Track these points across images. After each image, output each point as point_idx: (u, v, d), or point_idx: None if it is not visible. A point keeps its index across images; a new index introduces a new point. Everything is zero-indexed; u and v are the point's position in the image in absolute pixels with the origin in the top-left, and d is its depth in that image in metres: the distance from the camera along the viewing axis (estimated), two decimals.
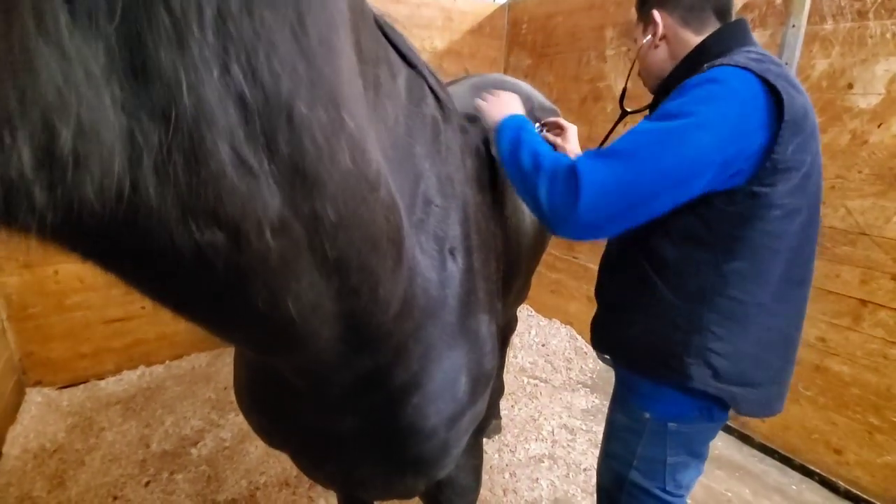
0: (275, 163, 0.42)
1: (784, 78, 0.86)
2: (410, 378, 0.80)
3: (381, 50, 0.73)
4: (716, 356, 0.95)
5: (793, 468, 2.27)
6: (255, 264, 0.46)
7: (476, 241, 0.92)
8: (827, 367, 2.14)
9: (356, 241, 0.55)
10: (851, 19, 1.97)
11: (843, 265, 2.05)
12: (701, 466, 1.13)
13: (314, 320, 0.57)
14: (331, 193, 0.48)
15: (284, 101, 0.40)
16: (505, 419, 2.53)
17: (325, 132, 0.45)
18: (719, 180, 0.86)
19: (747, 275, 0.91)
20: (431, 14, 3.34)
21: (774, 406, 1.04)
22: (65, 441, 2.22)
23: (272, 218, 0.44)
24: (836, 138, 2.03)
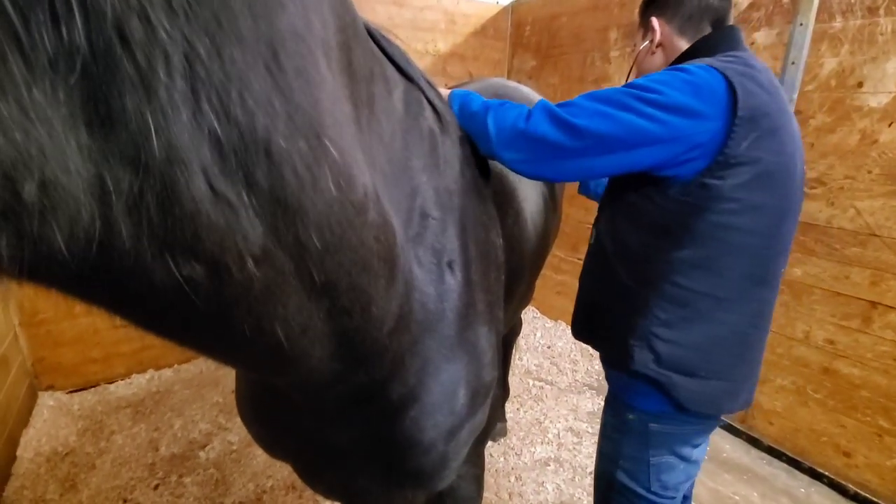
0: (254, 195, 0.41)
1: (750, 77, 0.87)
2: (408, 392, 0.80)
3: (377, 65, 0.72)
4: (659, 341, 0.98)
5: (801, 471, 2.24)
6: (239, 293, 0.45)
7: (475, 252, 0.92)
8: (836, 370, 2.12)
9: (345, 264, 0.54)
10: (861, 16, 1.94)
11: (852, 266, 2.02)
12: (691, 469, 1.13)
13: (304, 341, 0.57)
14: (315, 221, 0.47)
15: (261, 136, 0.40)
16: (510, 422, 2.53)
17: (306, 162, 0.44)
18: (668, 158, 0.88)
19: (696, 264, 0.93)
20: (434, 17, 3.34)
21: (723, 404, 1.02)
22: (76, 444, 2.26)
23: (254, 249, 0.43)
24: (845, 138, 2.01)
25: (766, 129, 0.86)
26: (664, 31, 1.05)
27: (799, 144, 0.98)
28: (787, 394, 2.29)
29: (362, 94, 0.63)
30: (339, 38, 0.55)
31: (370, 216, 0.57)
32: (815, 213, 2.12)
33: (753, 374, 1.05)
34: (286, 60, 0.41)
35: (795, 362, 2.25)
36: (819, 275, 2.13)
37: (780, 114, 0.90)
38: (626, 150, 0.87)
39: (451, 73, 3.49)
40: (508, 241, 1.17)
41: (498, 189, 1.18)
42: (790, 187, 0.93)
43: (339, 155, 0.48)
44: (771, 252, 0.95)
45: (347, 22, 0.59)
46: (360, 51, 0.64)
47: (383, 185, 0.68)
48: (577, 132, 0.88)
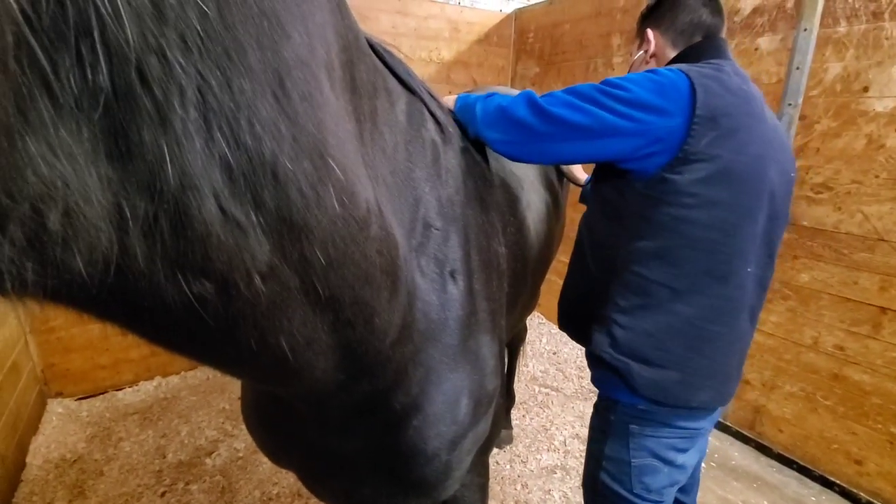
0: (262, 215, 0.43)
1: (716, 80, 0.93)
2: (410, 401, 0.80)
3: (379, 79, 0.74)
4: (616, 326, 1.03)
5: (812, 479, 2.21)
6: (247, 309, 0.46)
7: (477, 261, 0.93)
8: (846, 376, 2.09)
9: (349, 278, 0.55)
10: (866, 21, 1.94)
11: (861, 272, 2.01)
12: (676, 474, 1.12)
13: (308, 354, 0.58)
14: (319, 238, 0.49)
15: (268, 159, 0.41)
16: (516, 429, 2.52)
17: (311, 181, 0.45)
18: (630, 150, 0.93)
19: (654, 255, 0.97)
20: (438, 25, 3.37)
21: (679, 395, 1.02)
22: (84, 451, 2.27)
23: (261, 266, 0.45)
24: (851, 143, 2.00)
25: (727, 129, 0.90)
26: (658, 43, 1.12)
27: (777, 149, 0.99)
28: (797, 400, 2.27)
29: (365, 109, 0.65)
30: (342, 57, 0.56)
31: (373, 230, 0.58)
32: (822, 217, 2.10)
33: (721, 373, 1.04)
34: (292, 87, 0.42)
35: (804, 368, 2.23)
36: (827, 280, 2.11)
37: (745, 116, 0.93)
38: (590, 139, 0.93)
39: (456, 81, 3.51)
40: (511, 249, 1.17)
41: (500, 198, 1.19)
42: (755, 188, 0.95)
43: (342, 173, 0.50)
44: (731, 249, 0.96)
45: (350, 41, 0.60)
46: (362, 66, 0.65)
47: (386, 197, 0.69)
48: (550, 118, 0.95)
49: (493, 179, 1.18)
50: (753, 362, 2.41)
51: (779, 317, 2.30)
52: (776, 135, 1.00)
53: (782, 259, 2.26)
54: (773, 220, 1.01)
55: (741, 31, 2.32)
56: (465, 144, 1.08)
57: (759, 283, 1.06)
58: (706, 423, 1.12)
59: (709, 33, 1.07)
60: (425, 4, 3.29)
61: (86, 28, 0.29)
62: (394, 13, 3.18)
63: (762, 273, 1.06)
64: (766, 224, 1.00)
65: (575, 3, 3.26)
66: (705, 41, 1.06)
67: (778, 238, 1.06)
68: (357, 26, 0.66)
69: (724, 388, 1.07)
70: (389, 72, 0.82)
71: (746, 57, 2.31)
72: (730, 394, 1.09)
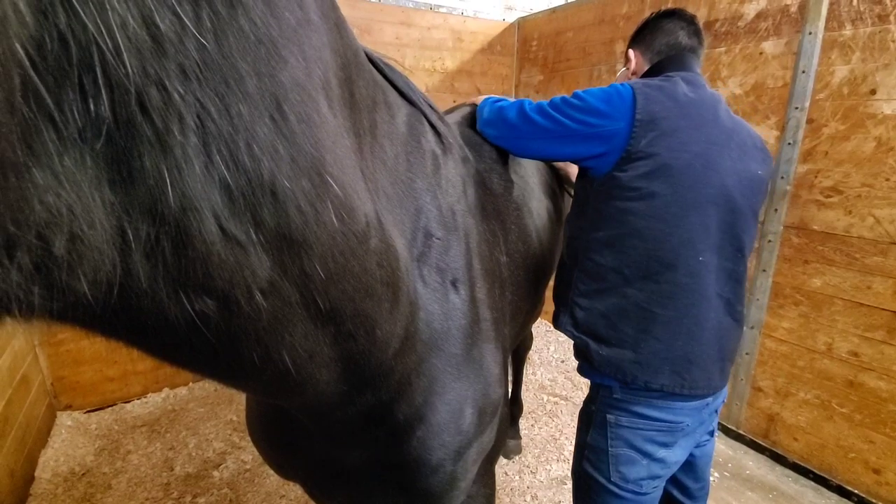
0: (261, 233, 0.43)
1: (659, 90, 1.07)
2: (414, 412, 0.80)
3: (379, 93, 0.75)
4: (578, 308, 1.17)
5: (829, 489, 2.16)
6: (248, 324, 0.47)
7: (479, 270, 0.93)
8: (862, 383, 2.05)
9: (349, 291, 0.56)
10: (872, 24, 1.93)
11: (874, 276, 1.97)
12: (655, 468, 1.15)
13: (310, 367, 0.58)
14: (318, 253, 0.49)
15: (267, 179, 0.41)
16: (525, 439, 2.49)
17: (310, 198, 0.46)
18: (586, 149, 1.09)
19: (606, 243, 1.11)
20: (442, 36, 3.40)
21: (635, 373, 1.10)
22: (93, 464, 2.28)
23: (261, 282, 0.45)
24: (860, 146, 1.98)
25: (665, 130, 1.03)
26: (638, 62, 1.29)
27: (733, 148, 1.08)
28: (811, 408, 2.22)
29: (365, 123, 0.65)
30: (340, 75, 0.57)
31: (372, 243, 0.58)
32: (832, 221, 2.08)
33: (680, 358, 1.09)
34: (289, 109, 0.43)
35: (818, 375, 2.19)
36: (839, 285, 2.08)
37: (684, 119, 1.05)
38: (554, 139, 1.13)
39: (460, 90, 3.53)
40: (512, 258, 1.18)
41: (502, 206, 1.20)
42: (698, 182, 1.04)
43: (341, 189, 0.50)
44: (677, 238, 1.05)
45: (349, 59, 0.61)
46: (361, 82, 0.66)
47: (387, 208, 0.69)
48: (529, 121, 1.17)
49: (495, 189, 1.19)
50: (766, 369, 2.37)
51: (791, 323, 2.26)
52: (732, 137, 1.10)
53: (793, 264, 2.23)
54: (733, 213, 1.09)
55: (745, 36, 2.32)
56: (466, 154, 1.09)
57: (729, 275, 1.13)
58: (687, 419, 1.14)
59: (682, 53, 1.21)
60: (428, 15, 3.32)
61: (88, 64, 0.30)
62: (397, 24, 3.21)
63: (732, 266, 1.13)
64: (726, 217, 1.08)
65: (578, 10, 3.27)
66: (668, 58, 1.21)
67: (745, 232, 1.13)
68: (356, 43, 0.67)
69: (688, 375, 1.10)
70: (390, 85, 0.83)
71: (751, 61, 2.30)
72: (699, 383, 1.11)
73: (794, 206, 2.20)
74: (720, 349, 1.13)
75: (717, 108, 1.11)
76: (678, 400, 1.11)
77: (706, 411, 1.18)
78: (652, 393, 1.11)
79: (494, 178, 1.22)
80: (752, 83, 2.32)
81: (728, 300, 1.13)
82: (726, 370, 1.18)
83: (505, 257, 1.12)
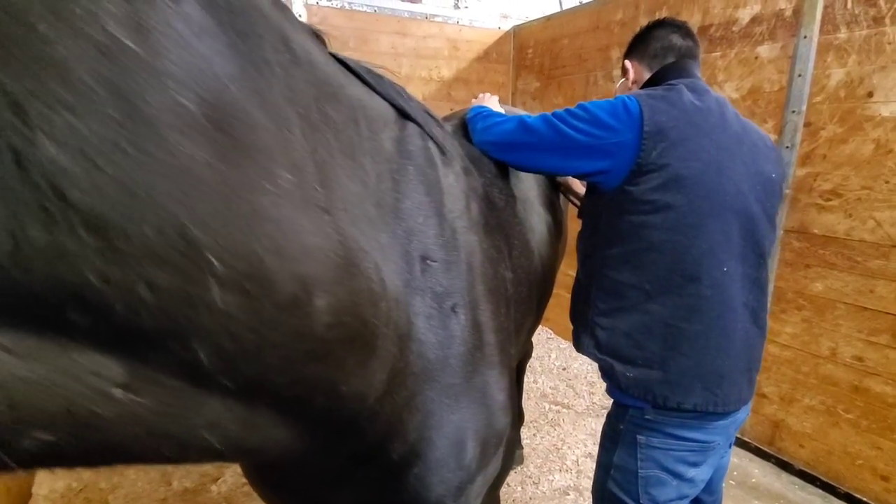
0: (82, 337, 0.34)
1: (664, 100, 1.04)
2: (408, 449, 0.75)
3: (360, 111, 0.70)
4: (599, 328, 1.11)
5: (837, 497, 2.12)
6: (126, 427, 0.39)
7: (482, 291, 0.87)
8: (867, 388, 2.02)
9: (274, 364, 0.47)
10: (867, 26, 1.92)
11: (876, 279, 1.95)
12: (685, 488, 1.11)
13: (254, 436, 0.51)
14: (197, 336, 0.40)
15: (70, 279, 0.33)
16: (527, 448, 2.45)
17: (161, 284, 0.37)
18: (592, 162, 1.07)
19: (623, 259, 1.07)
20: (437, 45, 3.41)
21: (666, 394, 1.04)
22: (90, 480, 2.25)
23: (115, 379, 0.37)
24: (858, 148, 1.96)
25: (674, 140, 1.00)
26: (636, 70, 1.27)
27: (745, 153, 1.06)
28: (817, 414, 2.19)
29: (333, 147, 0.59)
30: (298, 125, 0.51)
31: (315, 305, 0.48)
32: (833, 225, 2.06)
33: (711, 374, 1.04)
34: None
35: (823, 381, 2.16)
36: (842, 289, 2.06)
37: (693, 127, 1.02)
38: (559, 151, 1.10)
39: (456, 98, 3.54)
40: (516, 273, 1.14)
41: (505, 220, 1.16)
42: (713, 190, 1.01)
43: (236, 257, 0.40)
44: (698, 250, 1.02)
45: (311, 91, 0.58)
46: (333, 105, 0.62)
47: (369, 237, 0.63)
48: (532, 133, 1.14)
49: (497, 202, 1.15)
50: (770, 375, 2.35)
51: (794, 328, 2.24)
52: (743, 140, 1.08)
53: (794, 268, 2.21)
54: (752, 219, 1.06)
55: (740, 41, 2.32)
56: (468, 165, 1.05)
57: (753, 283, 1.09)
58: (719, 437, 1.10)
59: (681, 54, 1.20)
60: (424, 24, 3.33)
61: None
62: (393, 34, 3.23)
63: (756, 273, 1.09)
64: (745, 224, 1.05)
65: (573, 18, 3.28)
66: (669, 65, 1.19)
67: (765, 237, 1.10)
68: (327, 71, 0.64)
69: (720, 391, 1.05)
70: (382, 97, 0.80)
71: (747, 66, 2.30)
72: (731, 399, 1.06)
73: (793, 209, 2.19)
74: (748, 360, 1.10)
75: (725, 112, 1.08)
76: (711, 419, 1.07)
77: (734, 426, 1.14)
78: (685, 413, 1.05)
79: (496, 191, 1.18)
80: (748, 87, 2.31)
81: (753, 309, 1.10)
82: (753, 381, 1.14)
83: (510, 273, 1.07)
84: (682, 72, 1.16)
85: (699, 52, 1.24)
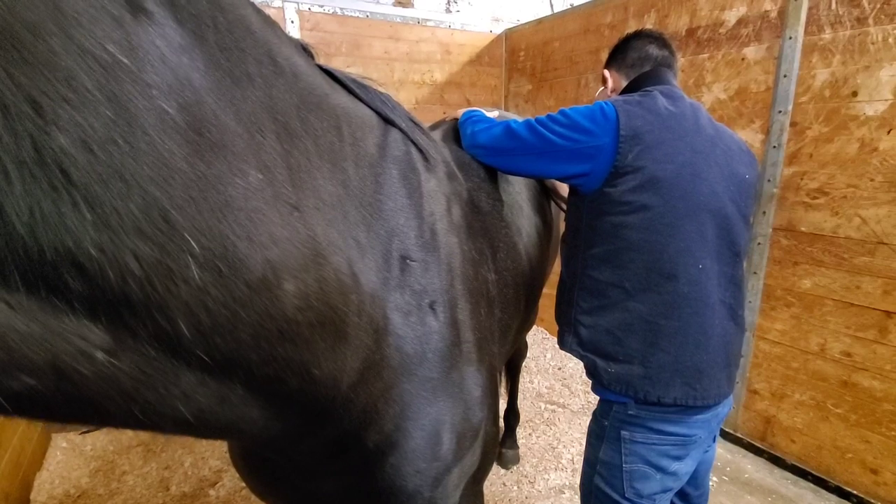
0: (75, 301, 0.38)
1: (640, 105, 1.09)
2: (385, 438, 0.77)
3: (343, 118, 0.74)
4: (581, 326, 1.15)
5: (829, 490, 2.15)
6: (104, 385, 0.42)
7: (462, 291, 0.91)
8: (855, 383, 2.05)
9: (247, 341, 0.50)
10: (851, 27, 1.96)
11: (862, 276, 1.99)
12: (669, 481, 1.14)
13: (227, 412, 0.54)
14: (179, 308, 0.44)
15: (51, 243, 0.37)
16: (523, 448, 2.48)
17: (145, 259, 0.41)
18: (571, 165, 1.11)
19: (603, 259, 1.11)
20: (430, 49, 3.43)
21: (647, 388, 1.08)
22: (88, 486, 2.26)
23: (101, 345, 0.41)
24: (843, 147, 2.00)
25: (649, 143, 1.05)
26: (614, 79, 1.33)
27: (719, 154, 1.10)
28: (807, 409, 2.22)
29: (311, 152, 0.63)
30: (277, 132, 0.56)
31: (284, 288, 0.52)
32: (819, 223, 2.09)
33: (690, 368, 1.07)
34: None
35: (812, 376, 2.19)
36: (829, 286, 2.09)
37: (667, 131, 1.07)
38: (541, 155, 1.15)
39: (449, 101, 3.56)
40: (501, 275, 1.17)
41: (490, 224, 1.19)
42: (687, 191, 1.05)
43: (210, 239, 0.44)
44: (674, 248, 1.05)
45: (294, 100, 0.61)
46: (315, 114, 0.66)
47: (345, 235, 0.66)
48: (516, 138, 1.20)
49: (483, 206, 1.19)
50: (761, 371, 2.38)
51: (783, 324, 2.27)
52: (717, 143, 1.12)
53: (782, 266, 2.24)
54: (727, 219, 1.10)
55: (727, 42, 2.35)
56: (452, 170, 1.08)
57: (729, 281, 1.13)
58: (700, 431, 1.13)
59: (657, 63, 1.25)
60: (416, 29, 3.36)
61: None
62: (386, 38, 3.25)
63: (731, 271, 1.13)
64: (721, 223, 1.09)
65: (563, 21, 3.31)
66: (645, 73, 1.24)
67: (740, 236, 1.14)
68: (313, 82, 0.68)
69: (699, 385, 1.08)
70: (365, 105, 0.83)
71: (734, 67, 2.33)
72: (710, 393, 1.10)
73: (781, 208, 2.22)
74: (727, 356, 1.13)
75: (699, 117, 1.13)
76: (692, 413, 1.10)
77: (715, 421, 1.17)
78: (667, 408, 1.09)
79: (482, 195, 1.22)
80: (735, 88, 2.34)
81: (730, 306, 1.13)
82: (732, 376, 1.17)
83: (494, 275, 1.11)
84: (657, 79, 1.21)
85: (675, 62, 1.29)
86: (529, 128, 1.17)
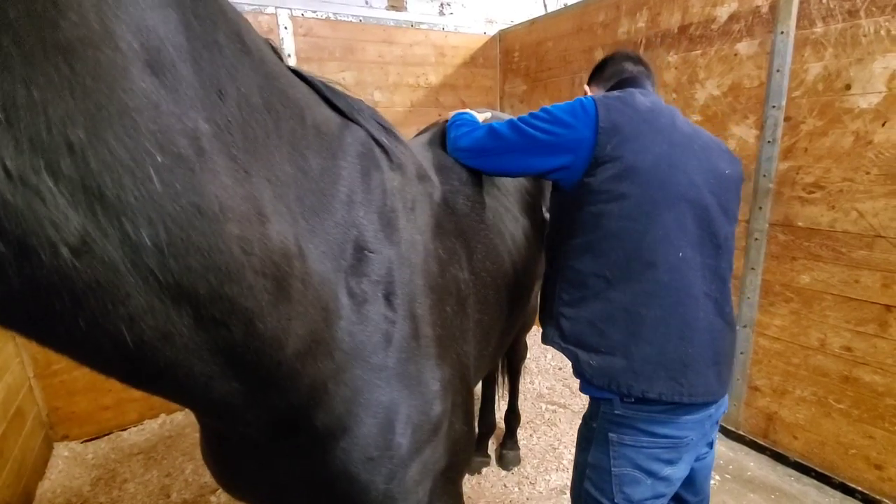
0: (61, 184, 0.43)
1: (618, 100, 1.12)
2: (334, 421, 0.79)
3: (307, 110, 0.78)
4: (563, 318, 1.15)
5: (832, 487, 2.14)
6: (58, 281, 0.44)
7: (421, 286, 0.93)
8: (857, 378, 2.04)
9: (197, 269, 0.53)
10: (842, 20, 1.95)
11: (861, 270, 1.97)
12: (660, 486, 1.12)
13: (169, 350, 0.56)
14: (144, 217, 0.48)
15: (57, 128, 0.42)
16: (524, 449, 2.47)
17: (119, 159, 0.46)
18: (553, 160, 1.14)
19: (584, 249, 1.12)
20: (424, 52, 3.44)
21: (630, 382, 1.06)
22: (90, 495, 2.26)
23: (69, 238, 0.44)
24: (838, 141, 1.99)
25: (627, 134, 1.08)
26: (594, 92, 1.38)
27: (696, 150, 1.12)
28: (809, 405, 2.21)
29: (271, 129, 0.68)
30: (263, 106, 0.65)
31: (229, 228, 0.56)
32: (816, 217, 2.08)
33: (674, 361, 1.06)
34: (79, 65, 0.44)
35: (813, 372, 2.17)
36: (828, 280, 2.08)
37: (645, 124, 1.10)
38: (523, 151, 1.18)
39: (444, 103, 3.57)
40: (479, 276, 1.19)
41: (467, 225, 1.22)
42: (664, 181, 1.07)
43: (174, 160, 0.50)
44: (653, 236, 1.06)
45: (251, 88, 0.66)
46: (277, 103, 0.71)
47: (299, 213, 0.71)
48: (498, 137, 1.23)
49: (459, 208, 1.21)
50: (761, 368, 2.36)
51: (783, 320, 2.26)
52: (695, 140, 1.14)
53: (780, 261, 2.23)
54: (706, 210, 1.10)
55: (719, 38, 2.35)
56: (424, 173, 1.11)
57: (713, 273, 1.12)
58: (691, 433, 1.11)
59: (633, 76, 1.30)
60: (410, 32, 3.37)
61: None
62: (380, 42, 3.26)
63: (714, 263, 1.12)
64: (700, 213, 1.09)
65: (556, 21, 3.32)
66: (622, 79, 1.30)
67: (721, 227, 1.13)
68: (270, 68, 0.72)
69: (685, 380, 1.06)
70: (330, 105, 0.88)
71: (727, 63, 2.33)
72: (698, 389, 1.07)
73: (777, 203, 2.21)
74: (715, 352, 1.11)
75: (675, 116, 1.16)
76: (681, 413, 1.08)
77: (708, 423, 1.15)
78: (653, 406, 1.07)
79: (459, 198, 1.24)
80: (728, 84, 2.34)
81: (716, 300, 1.12)
82: (724, 375, 1.14)
83: (468, 275, 1.13)
84: (634, 83, 1.26)
85: (651, 76, 1.34)
86: (512, 126, 1.20)
